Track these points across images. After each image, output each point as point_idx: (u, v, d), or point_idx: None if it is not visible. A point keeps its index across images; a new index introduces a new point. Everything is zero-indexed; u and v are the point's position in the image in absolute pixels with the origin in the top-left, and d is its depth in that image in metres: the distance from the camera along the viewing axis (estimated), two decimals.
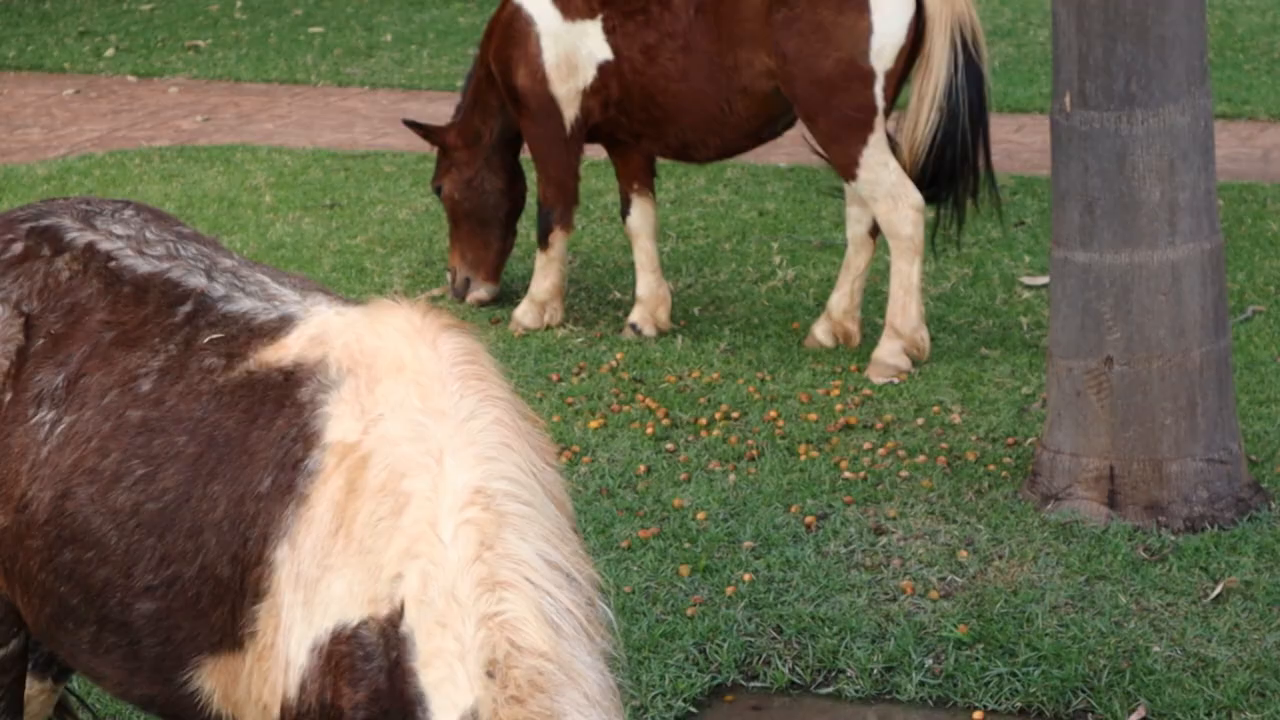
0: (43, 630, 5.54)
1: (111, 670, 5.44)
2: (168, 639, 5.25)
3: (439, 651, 4.72)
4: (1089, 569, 8.96)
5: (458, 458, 4.91)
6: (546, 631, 4.69)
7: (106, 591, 5.29)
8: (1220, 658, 8.09)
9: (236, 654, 5.16)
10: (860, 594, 8.78)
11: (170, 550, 5.19)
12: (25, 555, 5.40)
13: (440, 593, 4.74)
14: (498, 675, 4.64)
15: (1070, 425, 9.69)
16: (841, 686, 8.13)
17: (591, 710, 4.67)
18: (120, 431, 5.34)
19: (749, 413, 11.21)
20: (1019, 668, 8.06)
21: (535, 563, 4.77)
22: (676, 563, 9.09)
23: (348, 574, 4.91)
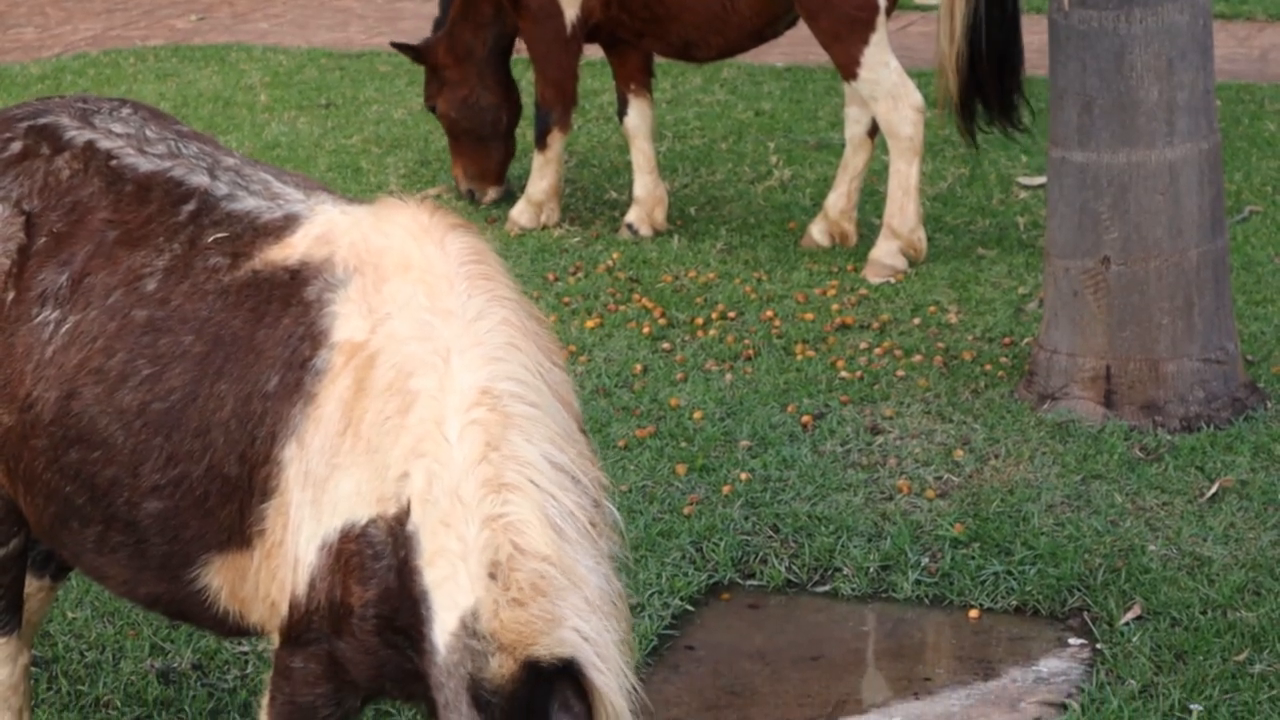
0: (46, 530, 5.55)
1: (117, 569, 5.45)
2: (175, 538, 5.26)
3: (442, 551, 4.73)
4: (1085, 468, 8.99)
5: (465, 358, 4.90)
6: (549, 535, 4.69)
7: (113, 491, 5.30)
8: (1216, 556, 8.13)
9: (245, 552, 5.17)
10: (857, 493, 8.81)
11: (177, 449, 5.19)
12: (30, 455, 5.41)
13: (445, 492, 4.75)
14: (499, 577, 4.65)
15: (1067, 325, 9.70)
16: (838, 585, 8.16)
17: (592, 615, 4.67)
18: (126, 331, 5.33)
19: (745, 312, 11.21)
20: (1015, 566, 8.10)
21: (540, 465, 4.77)
22: (673, 462, 9.12)
23: (356, 473, 4.91)
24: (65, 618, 7.70)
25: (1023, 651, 7.62)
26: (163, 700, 7.19)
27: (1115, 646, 7.47)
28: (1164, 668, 7.28)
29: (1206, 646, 7.38)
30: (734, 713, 7.21)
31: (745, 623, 7.92)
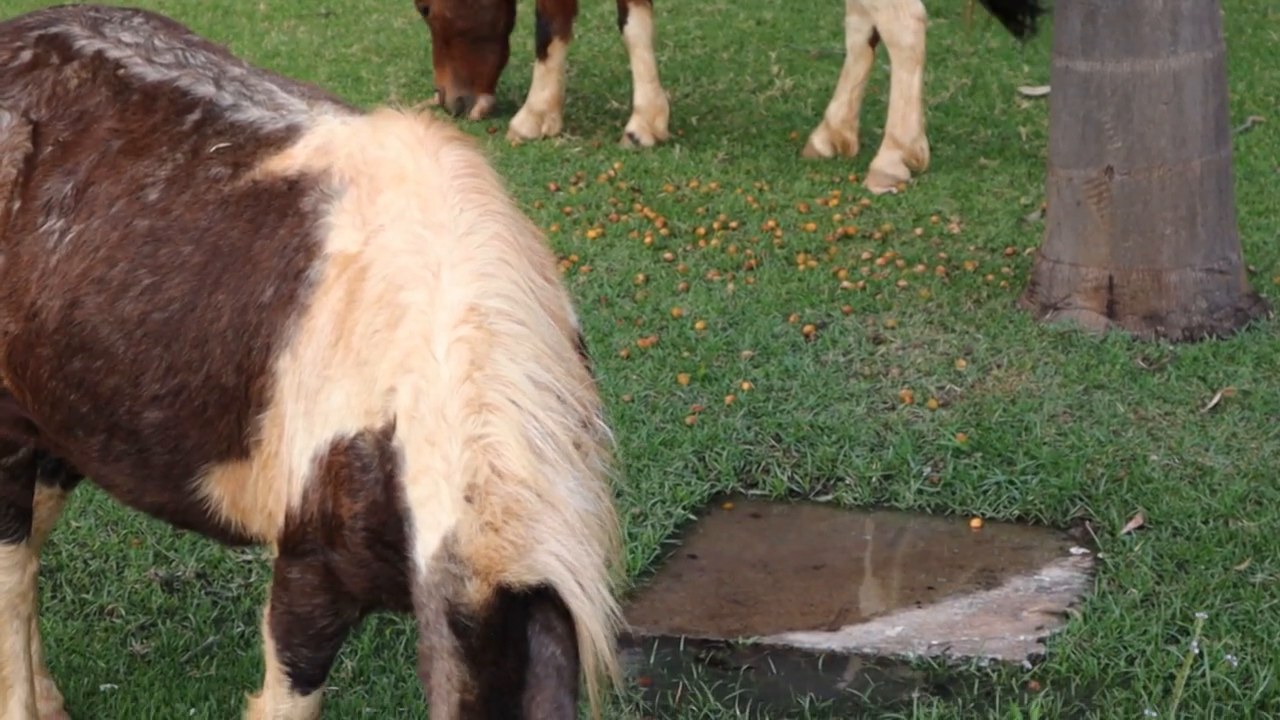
0: (53, 438, 5.55)
1: (122, 478, 5.46)
2: (176, 447, 5.27)
3: (426, 469, 4.72)
4: (1087, 378, 8.99)
5: (455, 272, 4.88)
6: (528, 457, 4.66)
7: (115, 400, 5.30)
8: (1217, 466, 8.14)
9: (243, 462, 5.18)
10: (859, 403, 8.81)
11: (176, 360, 5.19)
12: (35, 363, 5.41)
13: (430, 410, 4.73)
14: (475, 500, 4.62)
15: (1069, 235, 9.68)
16: (840, 494, 8.18)
17: (570, 538, 4.65)
18: (128, 241, 5.32)
19: (747, 222, 11.19)
20: (1017, 476, 8.11)
21: (523, 384, 4.75)
22: (675, 371, 9.12)
23: (346, 385, 4.91)
24: (69, 527, 7.72)
25: (1025, 561, 7.64)
26: (167, 608, 7.21)
27: (1117, 556, 7.48)
28: (1166, 577, 7.30)
29: (1208, 556, 7.40)
30: (736, 621, 7.23)
31: (747, 532, 7.94)
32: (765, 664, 6.92)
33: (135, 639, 7.03)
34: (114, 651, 6.92)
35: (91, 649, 6.95)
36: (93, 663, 6.87)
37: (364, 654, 6.86)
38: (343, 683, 6.71)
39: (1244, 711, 6.37)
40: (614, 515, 4.91)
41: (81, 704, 6.60)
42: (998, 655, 6.89)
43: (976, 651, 6.90)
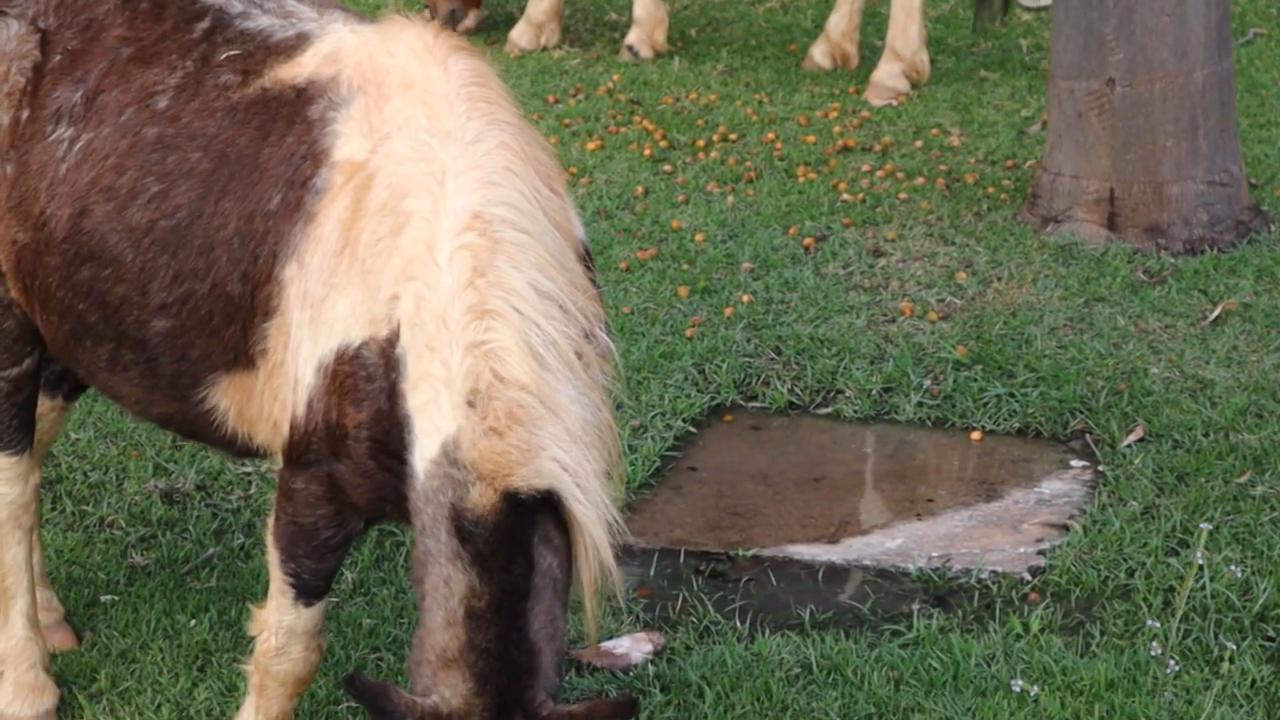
0: (61, 348, 5.54)
1: (130, 388, 5.45)
2: (183, 356, 5.25)
3: (426, 375, 4.71)
4: (1088, 291, 8.97)
5: (460, 180, 4.85)
6: (530, 363, 4.66)
7: (123, 309, 5.28)
8: (1218, 379, 8.13)
9: (249, 372, 5.17)
10: (859, 315, 8.79)
11: (183, 268, 5.17)
12: (44, 272, 5.38)
13: (432, 316, 4.72)
14: (478, 405, 4.62)
15: (1070, 147, 9.65)
16: (840, 407, 8.17)
17: (572, 445, 4.65)
18: (137, 149, 5.29)
19: (747, 135, 11.15)
20: (1017, 389, 8.10)
21: (526, 292, 4.73)
22: (675, 284, 9.10)
23: (351, 293, 4.89)
24: (68, 439, 7.71)
25: (1025, 473, 7.64)
26: (167, 520, 7.21)
27: (1117, 468, 7.48)
28: (1166, 490, 7.30)
29: (1208, 469, 7.40)
30: (736, 533, 7.23)
31: (747, 444, 7.94)
32: (765, 576, 6.93)
33: (135, 550, 7.03)
34: (114, 563, 6.93)
35: (92, 560, 6.95)
36: (93, 574, 6.87)
37: (364, 566, 6.87)
38: (343, 594, 6.71)
39: (1244, 623, 6.38)
40: (614, 429, 4.90)
41: (82, 615, 6.61)
42: (997, 567, 6.90)
43: (976, 564, 6.91)
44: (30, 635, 6.05)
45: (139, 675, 6.25)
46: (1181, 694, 6.03)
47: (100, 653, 6.38)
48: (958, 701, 6.02)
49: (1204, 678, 6.11)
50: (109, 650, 6.39)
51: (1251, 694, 6.06)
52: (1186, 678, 6.09)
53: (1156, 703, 5.96)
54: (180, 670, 6.24)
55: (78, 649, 6.41)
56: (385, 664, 6.28)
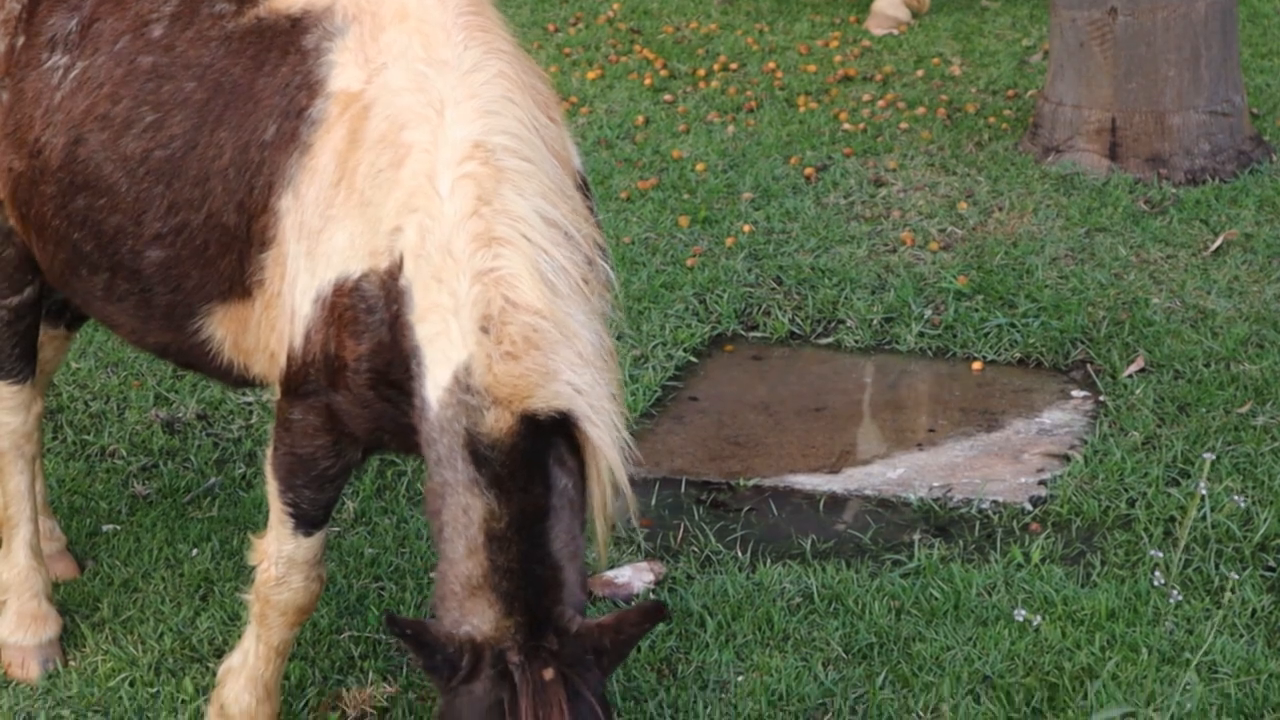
0: (58, 276, 5.52)
1: (125, 318, 5.44)
2: (178, 287, 5.24)
3: (434, 306, 4.69)
4: (1089, 221, 8.95)
5: (458, 110, 4.82)
6: (541, 289, 4.64)
7: (118, 239, 5.26)
8: (1219, 309, 8.12)
9: (245, 302, 5.15)
10: (860, 245, 8.78)
11: (178, 198, 5.15)
12: (40, 201, 5.37)
13: (437, 247, 4.69)
14: (492, 331, 4.60)
15: (1072, 77, 9.61)
16: (841, 337, 8.16)
17: (585, 369, 4.64)
18: (131, 78, 5.26)
19: (747, 64, 11.10)
20: (1018, 319, 8.09)
21: (532, 219, 4.71)
22: (676, 214, 9.08)
23: (349, 225, 4.87)
24: (69, 368, 7.70)
25: (1026, 403, 7.64)
26: (168, 449, 7.22)
27: (1118, 399, 7.48)
28: (1167, 420, 7.30)
29: (1209, 399, 7.40)
30: (737, 463, 7.24)
31: (748, 374, 7.94)
32: (766, 505, 6.94)
33: (137, 480, 7.03)
34: (116, 492, 6.93)
35: (93, 490, 6.96)
36: (95, 503, 6.88)
37: (365, 495, 6.87)
38: (344, 524, 6.72)
39: (1244, 553, 6.40)
40: (615, 356, 4.90)
41: (84, 544, 6.62)
42: (998, 497, 6.90)
43: (977, 493, 6.91)
44: (33, 564, 6.06)
45: (141, 604, 6.26)
46: (1182, 623, 6.04)
47: (102, 582, 6.39)
48: (958, 631, 6.04)
49: (1205, 607, 6.12)
50: (111, 579, 6.40)
51: (1252, 623, 6.08)
52: (1187, 607, 6.11)
53: (1157, 632, 5.97)
54: (182, 599, 6.25)
55: (80, 578, 6.42)
56: (387, 593, 6.30)
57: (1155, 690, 5.69)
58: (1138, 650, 5.88)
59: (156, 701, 5.79)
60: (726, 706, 5.74)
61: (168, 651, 6.01)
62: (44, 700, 5.81)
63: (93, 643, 6.07)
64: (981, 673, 5.82)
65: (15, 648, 6.02)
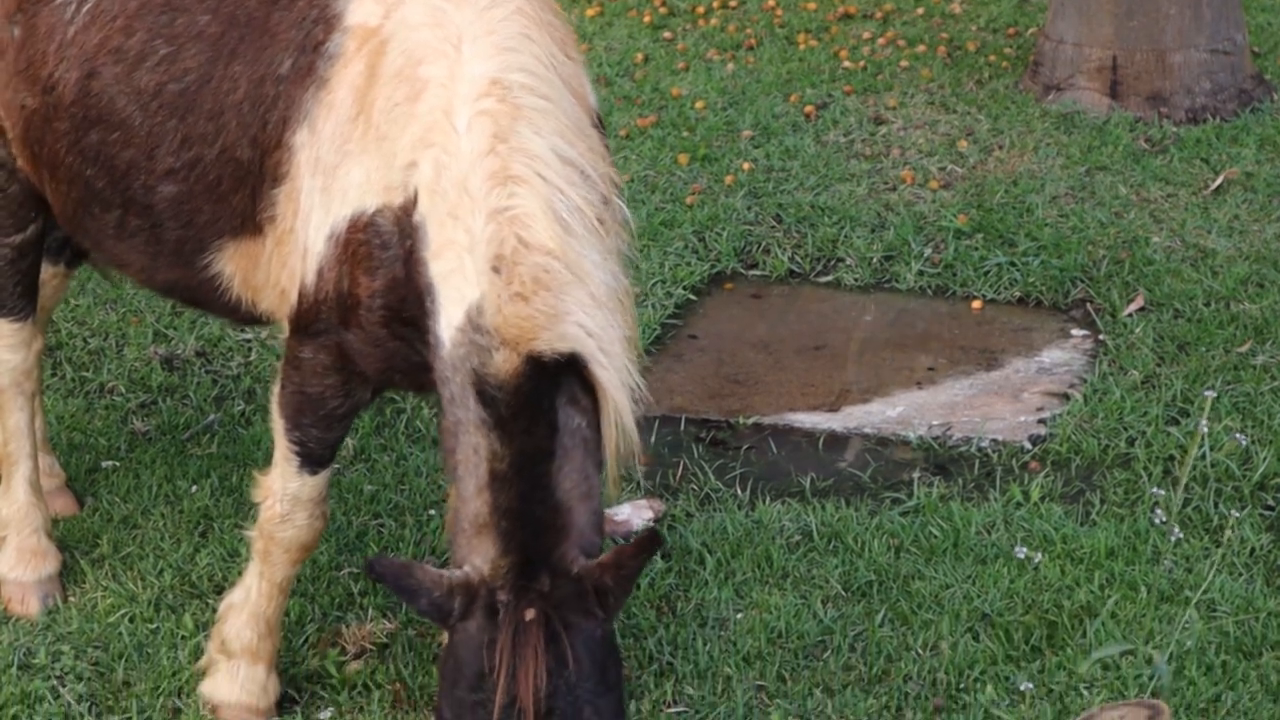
0: (69, 215, 5.49)
1: (135, 255, 5.41)
2: (189, 223, 5.21)
3: (449, 243, 4.66)
4: (1089, 160, 8.93)
5: (476, 46, 4.78)
6: (555, 229, 4.61)
7: (130, 174, 5.23)
8: (1219, 248, 8.11)
9: (256, 238, 5.13)
10: (860, 183, 8.76)
11: (191, 132, 5.12)
12: (53, 138, 5.33)
13: (453, 184, 4.67)
14: (503, 271, 4.58)
15: (1073, 14, 9.57)
16: (841, 275, 8.15)
17: (597, 311, 4.62)
18: (145, 10, 5.23)
19: (747, 1, 11.06)
20: (1018, 258, 8.08)
21: (548, 158, 4.68)
22: (675, 151, 9.05)
23: (365, 161, 4.83)
24: (68, 304, 7.69)
25: (1025, 342, 7.63)
26: (167, 386, 7.21)
27: (1118, 338, 7.48)
28: (1166, 359, 7.30)
29: (1209, 338, 7.39)
30: (737, 401, 7.23)
31: (748, 312, 7.93)
32: (766, 443, 6.94)
33: (136, 416, 7.03)
34: (115, 429, 6.93)
35: (92, 426, 6.95)
36: (94, 440, 6.87)
37: (365, 432, 6.87)
38: (344, 461, 6.72)
39: (1243, 492, 6.40)
40: (631, 296, 4.87)
41: (83, 480, 6.62)
42: (998, 436, 6.91)
43: (977, 432, 6.91)
44: (32, 500, 6.06)
45: (141, 541, 6.27)
46: (1181, 562, 6.05)
47: (102, 518, 6.40)
48: (958, 569, 6.05)
49: (1204, 546, 6.13)
50: (110, 516, 6.41)
51: (1251, 562, 6.09)
52: (1186, 546, 6.12)
53: (1156, 571, 5.98)
54: (182, 536, 6.26)
55: (79, 514, 6.43)
56: (387, 530, 6.30)
57: (1154, 628, 5.70)
58: (1137, 588, 5.89)
59: (156, 637, 5.80)
60: (726, 643, 5.75)
61: (167, 588, 6.02)
62: (44, 636, 5.82)
63: (92, 579, 6.08)
64: (980, 610, 5.84)
65: (15, 583, 6.03)
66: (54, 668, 5.67)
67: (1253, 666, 5.59)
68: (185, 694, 5.56)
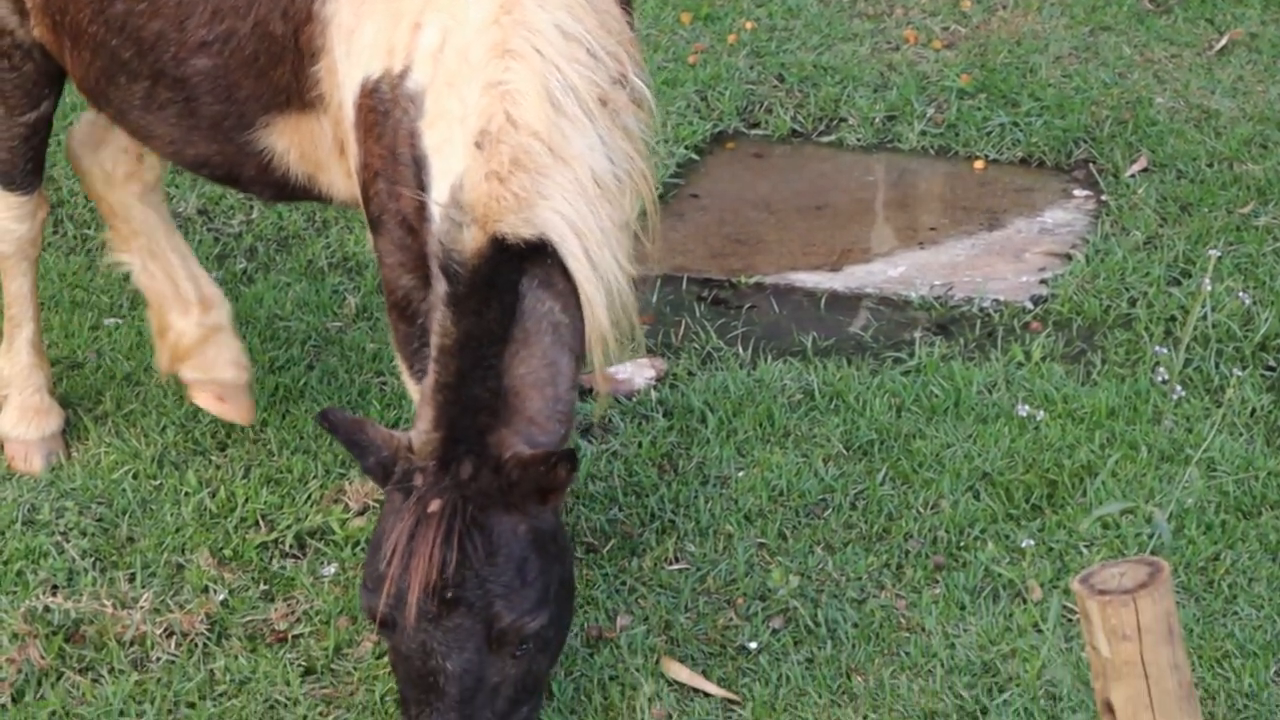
0: (91, 85, 5.40)
1: (165, 128, 5.32)
2: (229, 98, 5.12)
3: (444, 114, 4.60)
4: (1093, 20, 8.87)
5: None
6: (545, 108, 4.52)
7: (160, 46, 5.14)
8: (1223, 109, 8.08)
9: (308, 114, 5.05)
10: (863, 43, 8.71)
11: (222, 4, 4.99)
12: (76, 7, 5.24)
13: (455, 52, 4.59)
14: (485, 147, 4.51)
15: None
16: (843, 135, 8.12)
17: (578, 197, 4.53)
18: None
19: None
20: (1021, 118, 8.05)
21: (550, 33, 4.57)
22: (677, 10, 8.99)
23: (376, 20, 4.74)
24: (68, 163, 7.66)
25: (1028, 202, 7.62)
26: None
27: (1120, 198, 7.46)
28: (1169, 219, 7.29)
29: (1212, 199, 7.38)
30: (739, 260, 7.23)
31: (750, 171, 7.91)
32: (767, 303, 6.94)
33: None
34: (117, 287, 6.92)
35: (94, 284, 6.95)
36: (96, 297, 6.87)
37: (367, 291, 6.87)
38: (346, 319, 6.72)
39: (1245, 353, 6.41)
40: (649, 177, 4.79)
41: (86, 338, 6.62)
42: (1000, 296, 6.91)
43: (979, 292, 6.91)
44: (35, 360, 6.08)
45: (143, 398, 6.28)
46: (1182, 422, 6.07)
47: (104, 375, 6.41)
48: (959, 428, 6.06)
49: (1204, 406, 6.15)
50: (113, 373, 6.41)
51: (1252, 422, 6.11)
52: (1187, 406, 6.13)
53: (1157, 430, 6.00)
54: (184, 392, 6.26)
55: (82, 371, 6.44)
56: (389, 387, 6.31)
57: (1155, 487, 5.73)
58: (1137, 448, 5.91)
59: (160, 493, 5.83)
60: (727, 501, 5.78)
61: (170, 444, 6.04)
62: (47, 492, 5.85)
63: (95, 436, 6.10)
64: (981, 469, 5.86)
65: (18, 441, 6.05)
66: (58, 524, 5.70)
67: (1252, 525, 5.62)
68: (188, 550, 5.59)
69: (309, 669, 5.19)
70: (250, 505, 5.74)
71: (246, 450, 6.00)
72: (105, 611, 5.33)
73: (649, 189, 4.81)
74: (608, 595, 5.40)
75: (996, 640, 5.19)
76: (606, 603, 5.38)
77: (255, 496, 5.76)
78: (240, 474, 5.89)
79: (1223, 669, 5.08)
